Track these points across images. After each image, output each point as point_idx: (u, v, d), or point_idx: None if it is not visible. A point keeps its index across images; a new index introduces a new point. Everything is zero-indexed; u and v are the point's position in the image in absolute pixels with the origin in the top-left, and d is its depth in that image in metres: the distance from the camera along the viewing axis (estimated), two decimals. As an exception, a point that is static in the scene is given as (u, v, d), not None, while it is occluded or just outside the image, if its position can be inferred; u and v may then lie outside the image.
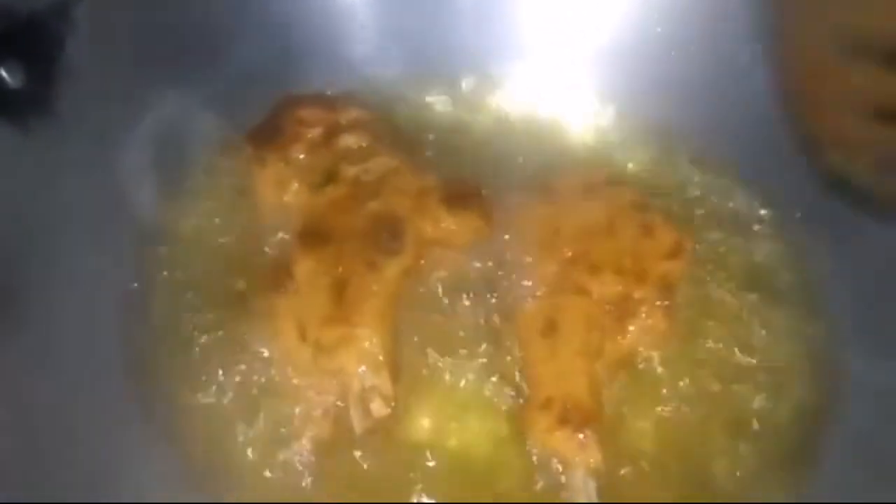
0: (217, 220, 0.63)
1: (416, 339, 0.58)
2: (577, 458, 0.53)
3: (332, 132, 0.63)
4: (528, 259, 0.61)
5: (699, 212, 0.66)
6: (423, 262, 0.59)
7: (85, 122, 0.57)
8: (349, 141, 0.63)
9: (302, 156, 0.62)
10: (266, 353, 0.57)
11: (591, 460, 0.53)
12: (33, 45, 0.55)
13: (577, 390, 0.55)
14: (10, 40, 0.53)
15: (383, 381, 0.55)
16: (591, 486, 0.53)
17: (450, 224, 0.59)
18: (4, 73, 0.53)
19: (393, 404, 0.55)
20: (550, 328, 0.57)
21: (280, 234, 0.60)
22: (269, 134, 0.63)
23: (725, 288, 0.61)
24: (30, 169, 0.55)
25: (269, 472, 0.54)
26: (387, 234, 0.57)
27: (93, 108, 0.58)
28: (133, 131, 0.61)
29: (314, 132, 0.63)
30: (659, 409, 0.57)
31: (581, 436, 0.53)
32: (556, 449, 0.54)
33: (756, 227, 0.66)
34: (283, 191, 0.61)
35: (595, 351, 0.57)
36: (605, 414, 0.56)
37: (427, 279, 0.59)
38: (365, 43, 0.73)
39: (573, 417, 0.54)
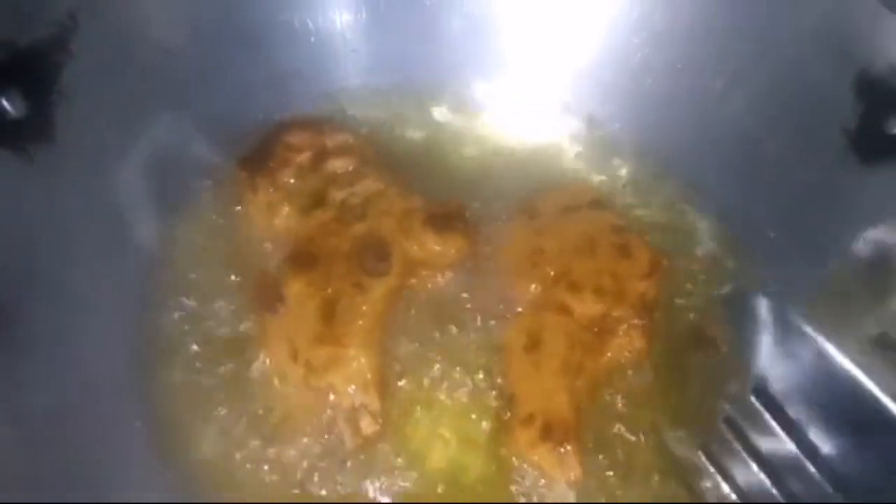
0: (210, 244, 0.64)
1: (402, 357, 0.59)
2: (557, 472, 0.55)
3: (320, 156, 0.65)
4: (511, 278, 0.63)
5: (673, 232, 0.68)
6: (410, 282, 0.61)
7: (84, 148, 0.59)
8: (336, 165, 0.65)
9: (291, 180, 0.64)
10: (258, 373, 0.59)
11: (572, 474, 0.55)
12: (33, 75, 0.55)
13: (558, 406, 0.57)
14: (11, 71, 0.53)
15: (372, 399, 0.57)
16: (571, 498, 0.55)
17: (434, 245, 0.60)
18: (6, 103, 0.53)
19: (381, 421, 0.57)
20: (533, 345, 0.59)
21: (271, 257, 0.62)
22: (259, 159, 0.64)
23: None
24: (32, 195, 0.56)
25: (262, 488, 0.56)
26: (373, 256, 0.59)
27: (91, 136, 0.59)
28: (130, 157, 0.63)
29: (302, 157, 0.65)
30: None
31: (562, 450, 0.55)
32: (537, 463, 0.56)
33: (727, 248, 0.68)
34: (273, 215, 0.63)
35: (576, 368, 0.59)
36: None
37: (412, 299, 0.61)
38: (354, 66, 0.75)
39: (554, 433, 0.56)
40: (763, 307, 0.63)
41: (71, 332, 0.56)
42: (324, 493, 0.55)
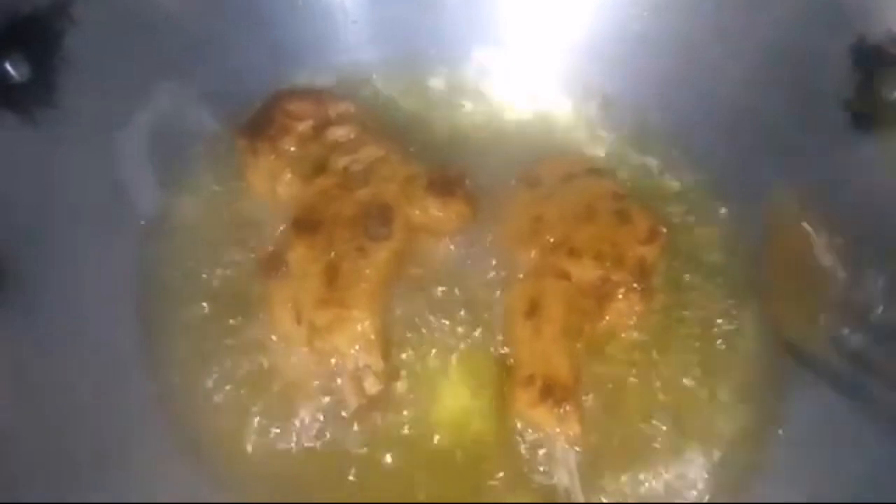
0: (213, 210, 0.65)
1: (404, 319, 0.60)
2: (557, 431, 0.56)
3: (321, 125, 0.65)
4: (511, 245, 0.64)
5: (673, 201, 0.69)
6: (411, 246, 0.61)
7: (86, 113, 0.59)
8: (338, 133, 0.65)
9: (293, 148, 0.64)
10: (263, 336, 0.60)
11: (571, 432, 0.56)
12: (37, 39, 0.56)
13: (557, 368, 0.58)
14: (15, 35, 0.54)
15: (375, 360, 0.58)
16: (571, 456, 0.56)
17: (436, 210, 0.61)
18: (9, 67, 0.54)
19: (384, 381, 0.58)
20: (533, 310, 0.60)
21: (274, 223, 0.62)
22: (260, 127, 0.64)
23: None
24: (34, 159, 0.57)
25: (269, 449, 0.57)
26: (376, 221, 0.60)
27: (94, 101, 0.60)
28: (132, 123, 0.64)
29: (304, 125, 0.65)
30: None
31: (561, 410, 0.56)
32: (537, 422, 0.57)
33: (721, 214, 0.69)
34: (275, 182, 0.63)
35: (575, 331, 0.60)
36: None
37: (413, 263, 0.62)
38: (355, 36, 0.75)
39: (554, 393, 0.57)
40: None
41: (73, 296, 0.57)
42: (332, 454, 0.56)
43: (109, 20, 0.60)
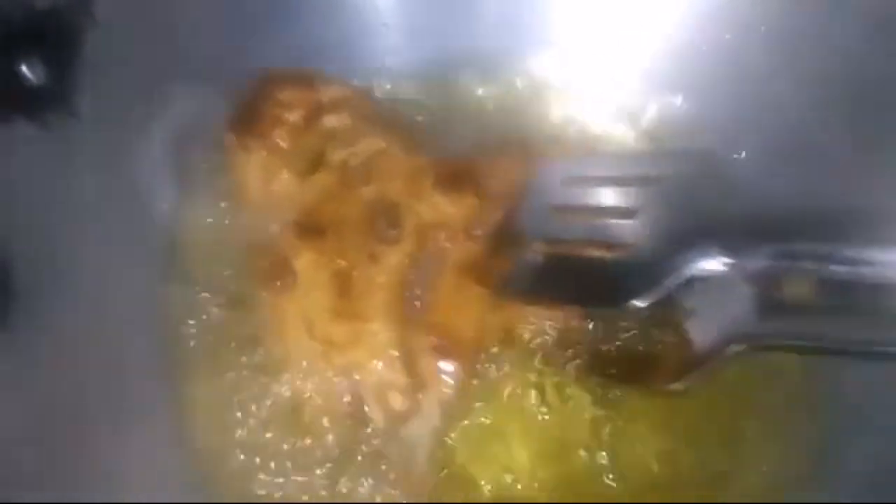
0: (219, 216, 0.62)
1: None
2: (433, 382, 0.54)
3: (313, 113, 0.61)
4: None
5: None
6: (425, 246, 0.57)
7: (103, 118, 0.56)
8: (332, 122, 0.61)
9: (285, 142, 0.60)
10: (273, 351, 0.57)
11: (445, 389, 0.54)
12: (53, 41, 0.53)
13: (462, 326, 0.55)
14: (32, 37, 0.51)
15: (399, 375, 0.55)
16: (436, 413, 0.54)
17: (447, 207, 0.57)
18: (25, 70, 0.51)
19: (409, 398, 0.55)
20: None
21: (274, 228, 0.59)
22: (249, 121, 0.60)
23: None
24: (48, 164, 0.54)
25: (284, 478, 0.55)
26: (384, 222, 0.56)
27: (112, 106, 0.57)
28: (151, 130, 0.61)
29: (295, 115, 0.61)
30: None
31: (447, 364, 0.55)
32: (422, 369, 0.55)
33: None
34: (270, 180, 0.60)
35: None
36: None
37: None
38: (385, 40, 0.71)
39: (449, 348, 0.55)
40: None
41: (80, 305, 0.55)
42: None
43: (130, 20, 0.57)
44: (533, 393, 0.57)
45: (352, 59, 0.70)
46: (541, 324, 0.57)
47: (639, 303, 0.46)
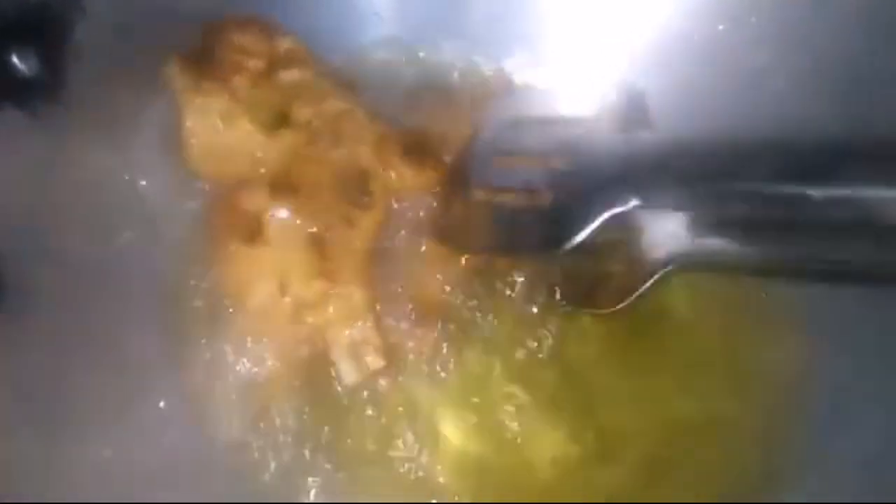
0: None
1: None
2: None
3: (273, 65, 0.59)
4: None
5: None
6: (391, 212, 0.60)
7: (94, 108, 0.56)
8: (293, 76, 0.59)
9: (245, 90, 0.57)
10: (239, 306, 0.58)
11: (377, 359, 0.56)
12: (45, 32, 0.53)
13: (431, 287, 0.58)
14: (23, 27, 0.51)
15: (374, 335, 0.57)
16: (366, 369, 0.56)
17: (413, 176, 0.59)
18: (17, 60, 0.52)
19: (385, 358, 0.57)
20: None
21: (235, 181, 0.58)
22: (205, 60, 0.57)
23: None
24: (39, 155, 0.55)
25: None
26: (356, 188, 0.58)
27: (105, 98, 0.56)
28: (143, 121, 0.60)
29: (255, 62, 0.58)
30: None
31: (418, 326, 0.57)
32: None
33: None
34: (230, 128, 0.57)
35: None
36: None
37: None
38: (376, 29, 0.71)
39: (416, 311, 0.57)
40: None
41: (82, 301, 0.55)
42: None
43: (122, 11, 0.56)
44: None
45: (340, 47, 0.69)
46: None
47: (578, 239, 0.49)
